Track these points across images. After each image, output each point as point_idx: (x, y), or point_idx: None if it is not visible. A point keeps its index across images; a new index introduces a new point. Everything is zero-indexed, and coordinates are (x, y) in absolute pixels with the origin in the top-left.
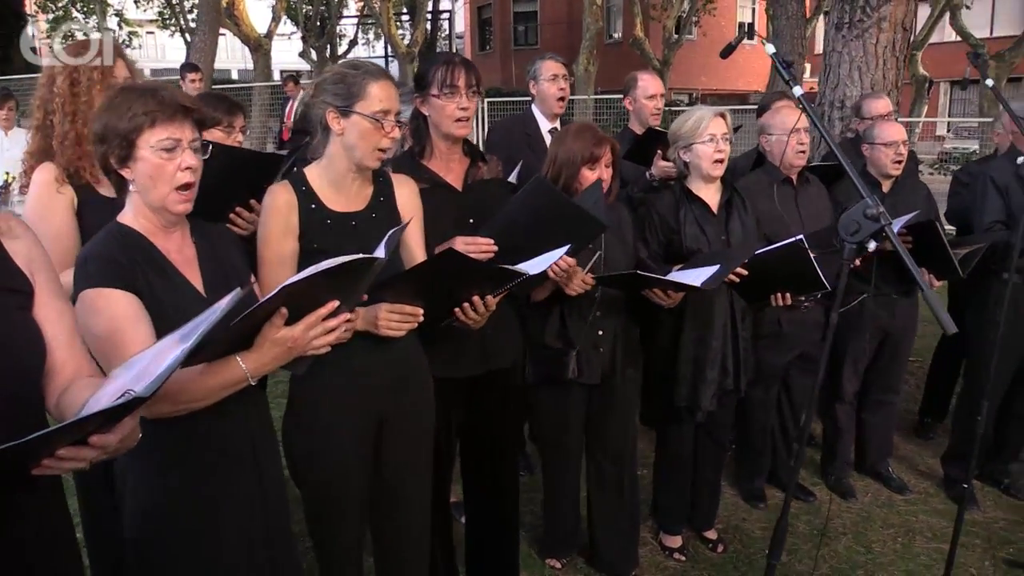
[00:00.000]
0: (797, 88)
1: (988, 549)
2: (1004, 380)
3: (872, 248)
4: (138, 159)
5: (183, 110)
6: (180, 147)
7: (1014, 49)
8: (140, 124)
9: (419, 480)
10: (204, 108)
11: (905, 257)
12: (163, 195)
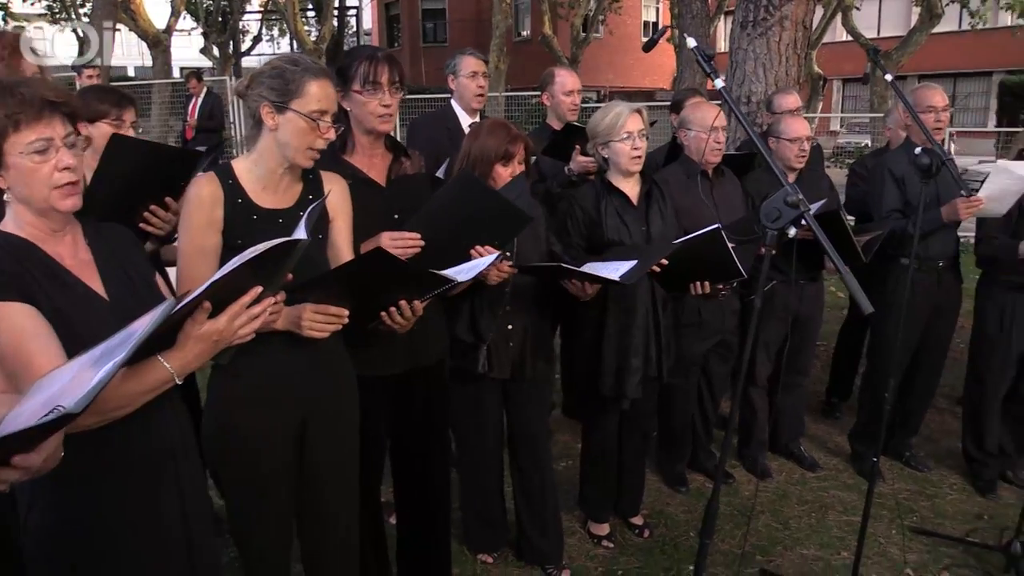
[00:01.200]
0: (719, 81)
1: (894, 519)
2: (905, 359)
3: (792, 234)
4: (9, 166)
5: (49, 105)
6: (53, 147)
7: (900, 49)
8: (3, 128)
9: (345, 481)
10: (76, 99)
11: (824, 242)
12: (44, 196)
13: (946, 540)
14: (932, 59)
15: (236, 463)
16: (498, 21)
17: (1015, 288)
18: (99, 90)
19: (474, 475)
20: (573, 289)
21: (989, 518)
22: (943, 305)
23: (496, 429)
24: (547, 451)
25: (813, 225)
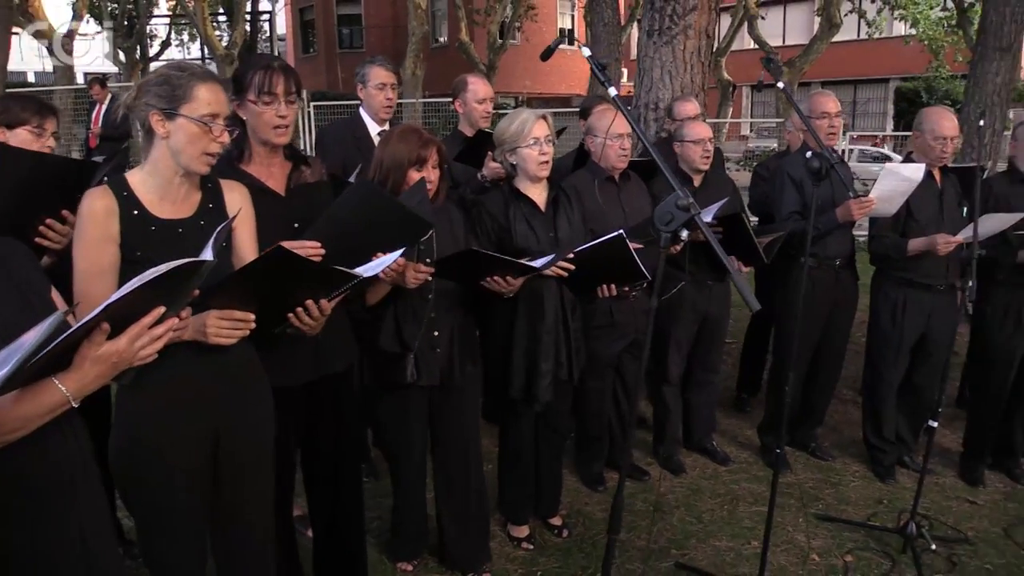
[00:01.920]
0: (612, 89)
1: (801, 508)
2: (807, 353)
3: (685, 236)
4: None
5: None
6: None
7: (803, 56)
8: None
9: (260, 496)
10: None
11: (713, 243)
12: None
13: (849, 525)
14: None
15: (146, 480)
16: (414, 27)
17: (905, 283)
18: (22, 97)
19: (402, 485)
20: (495, 287)
21: (888, 502)
22: (841, 301)
23: (423, 438)
24: (478, 457)
25: (703, 227)
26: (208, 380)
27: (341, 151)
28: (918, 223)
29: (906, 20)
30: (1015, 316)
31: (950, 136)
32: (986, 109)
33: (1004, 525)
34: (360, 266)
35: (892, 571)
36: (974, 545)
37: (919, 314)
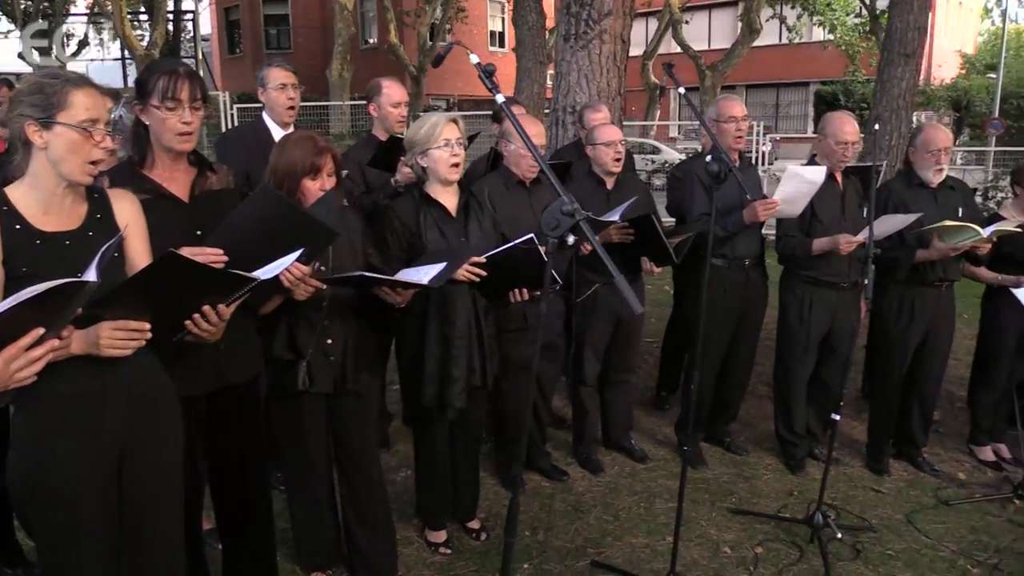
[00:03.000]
0: (500, 96)
1: (715, 502)
2: (719, 351)
3: (571, 241)
4: None
5: None
6: None
7: (725, 60)
8: None
9: (169, 514)
10: None
11: (598, 248)
12: None
13: (760, 517)
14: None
15: (47, 501)
16: (340, 29)
17: (811, 282)
18: None
19: (302, 493)
20: (385, 297)
21: (799, 493)
22: (751, 300)
23: (320, 444)
24: (375, 463)
25: (588, 233)
26: (111, 396)
27: (243, 158)
28: (821, 224)
29: (824, 26)
30: (909, 310)
31: (851, 141)
32: (892, 112)
33: (906, 512)
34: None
35: (800, 561)
36: (878, 532)
37: (824, 311)
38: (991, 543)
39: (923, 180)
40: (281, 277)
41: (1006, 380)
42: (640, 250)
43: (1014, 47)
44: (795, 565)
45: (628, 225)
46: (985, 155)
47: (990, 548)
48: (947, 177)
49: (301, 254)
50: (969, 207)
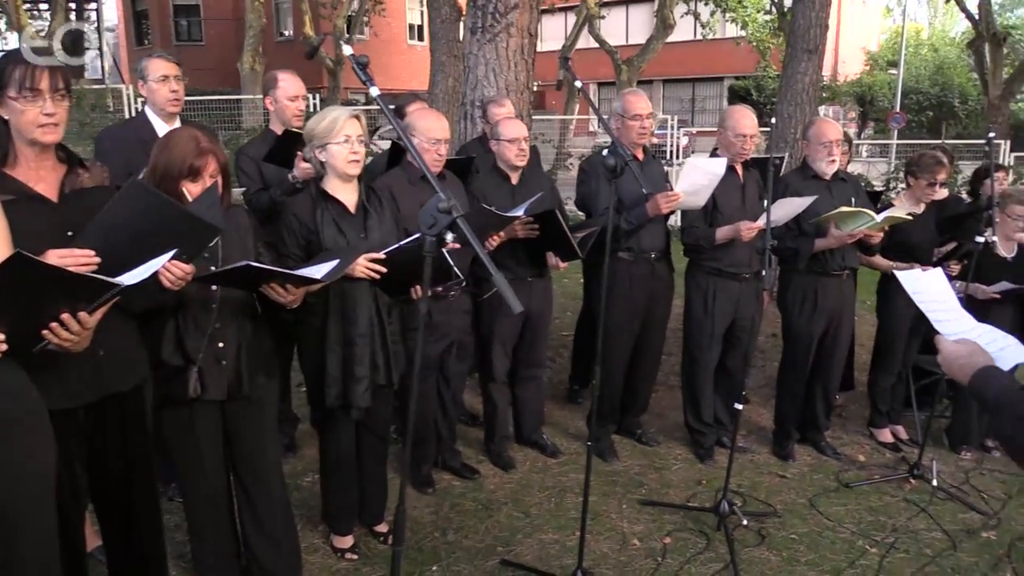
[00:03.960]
0: (374, 89)
1: (626, 494)
2: (627, 343)
3: (450, 239)
4: None
5: None
6: None
7: (640, 56)
8: None
9: (41, 537)
10: None
11: (476, 246)
12: None
13: (669, 508)
14: (674, 66)
15: None
16: (251, 20)
17: (715, 273)
18: None
19: (197, 504)
20: (274, 295)
21: (707, 483)
22: (658, 292)
23: (215, 453)
24: (275, 470)
25: (466, 230)
26: None
27: (123, 155)
28: (723, 215)
29: (736, 22)
30: (812, 300)
31: (749, 134)
32: (796, 107)
33: (810, 496)
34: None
35: (707, 549)
36: (782, 517)
37: (728, 301)
38: (888, 522)
39: (817, 172)
40: (162, 279)
41: (901, 364)
42: (546, 245)
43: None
44: (702, 554)
45: (533, 220)
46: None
47: (887, 527)
48: (839, 170)
49: (176, 253)
50: (860, 198)
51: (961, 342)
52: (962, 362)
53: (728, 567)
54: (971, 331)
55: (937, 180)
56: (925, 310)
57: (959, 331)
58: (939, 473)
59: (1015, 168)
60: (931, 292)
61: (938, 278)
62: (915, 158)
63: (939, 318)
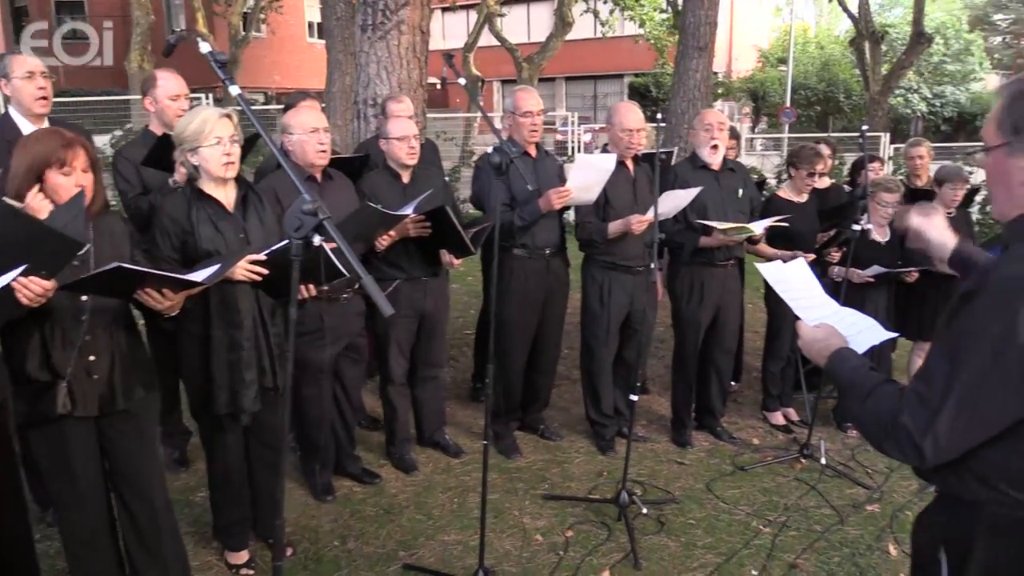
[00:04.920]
0: (234, 87)
1: (529, 490)
2: (526, 339)
3: (317, 242)
4: None
5: None
6: None
7: (540, 54)
8: None
9: None
10: None
11: (344, 248)
12: None
13: (572, 501)
14: (575, 63)
15: None
16: (138, 17)
17: (609, 267)
18: None
19: (74, 527)
20: (150, 301)
21: (608, 474)
22: (554, 288)
23: (91, 472)
24: (158, 486)
25: (333, 232)
26: None
27: None
28: (615, 209)
29: (634, 20)
30: (699, 290)
31: (635, 128)
32: (689, 103)
33: (707, 480)
34: None
35: (608, 539)
36: (680, 503)
37: (623, 294)
38: (780, 502)
39: (705, 162)
40: (19, 296)
41: (790, 349)
42: (439, 243)
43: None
44: (603, 544)
45: (424, 218)
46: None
47: (780, 507)
48: (728, 160)
49: (28, 269)
50: (748, 187)
51: (819, 326)
52: (819, 345)
53: (629, 556)
54: (832, 315)
55: (816, 171)
56: (786, 299)
57: (820, 316)
58: (827, 452)
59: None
60: (794, 281)
61: (800, 267)
62: (796, 150)
63: (800, 305)
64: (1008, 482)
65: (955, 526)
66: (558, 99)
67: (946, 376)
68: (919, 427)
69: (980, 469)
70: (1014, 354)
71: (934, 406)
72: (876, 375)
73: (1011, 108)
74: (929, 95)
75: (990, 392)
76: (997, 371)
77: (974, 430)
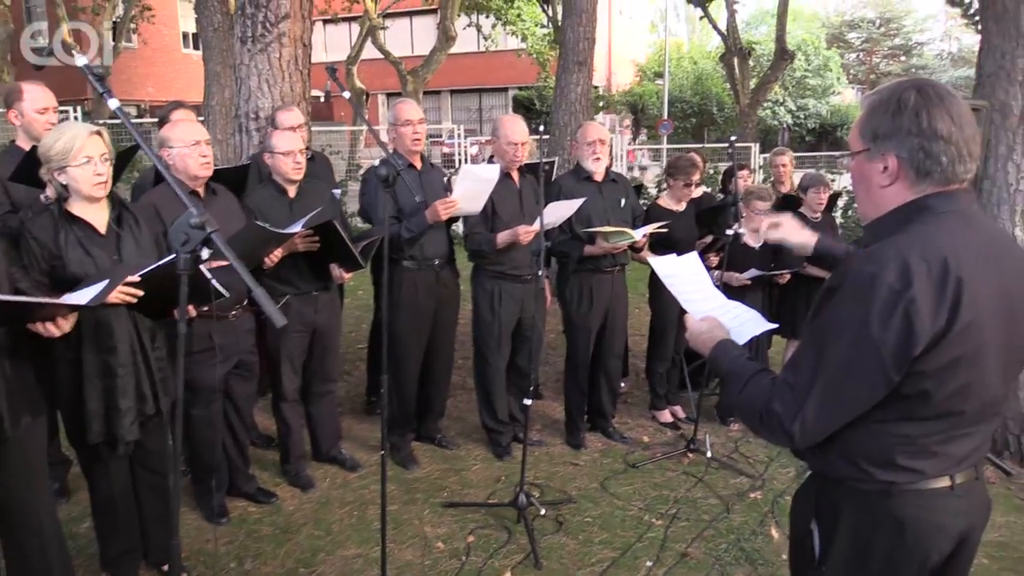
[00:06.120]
0: (112, 101)
1: (428, 499)
2: (418, 350)
3: (205, 255)
4: None
5: None
6: None
7: (424, 67)
8: None
9: None
10: None
11: (233, 262)
12: None
13: (471, 507)
14: (459, 76)
15: None
16: None
17: (498, 276)
18: None
19: None
20: (46, 332)
21: (506, 478)
22: (444, 298)
23: None
24: (48, 517)
25: (222, 246)
26: None
27: None
28: (502, 220)
29: (516, 35)
30: (588, 296)
31: (520, 141)
32: (571, 116)
33: (601, 479)
34: None
35: (508, 542)
36: (576, 502)
37: (513, 302)
38: (671, 495)
39: (588, 173)
40: None
41: (674, 350)
42: (328, 257)
43: (676, 58)
44: (504, 547)
45: (312, 233)
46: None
47: (670, 500)
48: (610, 171)
49: None
50: (630, 198)
51: (705, 319)
52: (704, 337)
53: (529, 556)
54: (718, 308)
55: (692, 180)
56: (675, 292)
57: (706, 309)
58: (712, 445)
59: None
60: (684, 275)
61: (691, 261)
62: (672, 161)
63: (688, 299)
64: (866, 459)
65: (824, 500)
66: (443, 112)
67: (811, 366)
68: (788, 413)
69: (844, 449)
70: (867, 345)
71: (802, 393)
72: (753, 364)
73: (870, 118)
74: (794, 108)
75: (849, 380)
76: (855, 360)
77: (837, 414)
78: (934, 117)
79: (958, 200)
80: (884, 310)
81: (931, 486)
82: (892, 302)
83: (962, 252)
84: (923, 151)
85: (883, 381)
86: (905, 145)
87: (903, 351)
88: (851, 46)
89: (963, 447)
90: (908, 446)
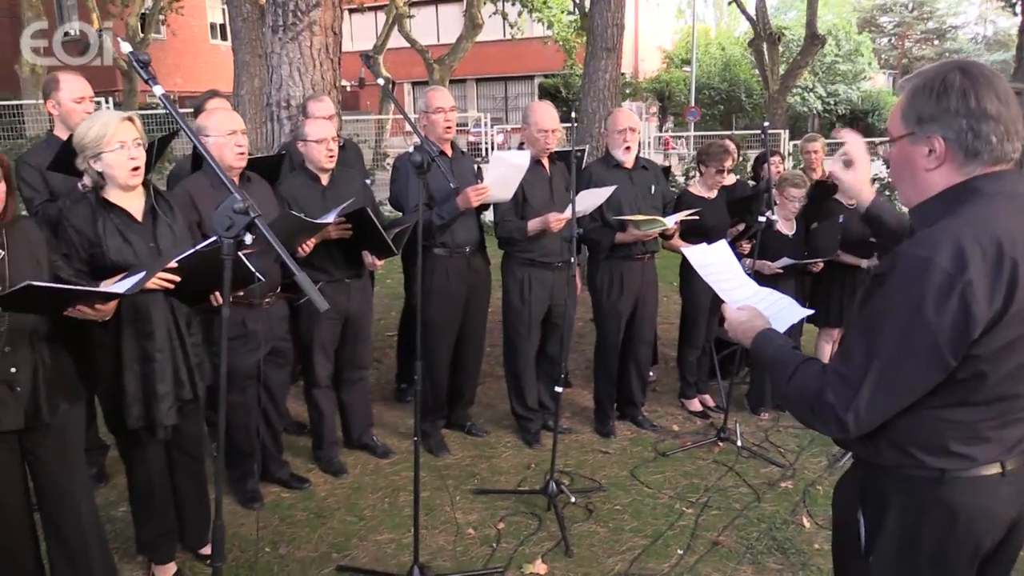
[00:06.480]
0: (158, 88)
1: (459, 486)
2: (449, 337)
3: (248, 240)
4: None
5: None
6: None
7: (450, 55)
8: None
9: None
10: None
11: (278, 247)
12: None
13: (501, 494)
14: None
15: None
16: (30, 18)
17: (528, 263)
18: None
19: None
20: (81, 315)
21: (536, 466)
22: (476, 285)
23: (14, 489)
24: (87, 501)
25: (265, 231)
26: None
27: None
28: (533, 207)
29: (542, 22)
30: (619, 283)
31: (550, 128)
32: (599, 103)
33: (631, 468)
34: None
35: (539, 529)
36: (607, 490)
37: (543, 290)
38: (701, 484)
39: (618, 161)
40: None
41: (705, 338)
42: (360, 244)
43: (703, 44)
44: (534, 534)
45: (345, 220)
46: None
47: (700, 489)
48: (641, 159)
49: None
50: (660, 184)
51: (743, 308)
52: (744, 327)
53: (560, 544)
54: (753, 296)
55: (724, 167)
56: (711, 282)
57: (743, 298)
58: (742, 434)
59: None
60: (717, 264)
61: (722, 249)
62: (704, 148)
63: (725, 288)
64: (917, 446)
65: (871, 488)
66: (469, 100)
67: (864, 354)
68: (842, 403)
69: (894, 436)
70: (922, 331)
71: (855, 383)
72: (799, 354)
73: (913, 101)
74: (824, 94)
75: (903, 367)
76: (910, 347)
77: (891, 402)
78: (982, 97)
79: (1006, 180)
80: (939, 295)
81: (983, 473)
82: (947, 286)
83: (1016, 234)
84: (972, 131)
85: (940, 366)
86: (952, 126)
87: (961, 335)
88: (883, 30)
89: (1016, 432)
90: (962, 431)
